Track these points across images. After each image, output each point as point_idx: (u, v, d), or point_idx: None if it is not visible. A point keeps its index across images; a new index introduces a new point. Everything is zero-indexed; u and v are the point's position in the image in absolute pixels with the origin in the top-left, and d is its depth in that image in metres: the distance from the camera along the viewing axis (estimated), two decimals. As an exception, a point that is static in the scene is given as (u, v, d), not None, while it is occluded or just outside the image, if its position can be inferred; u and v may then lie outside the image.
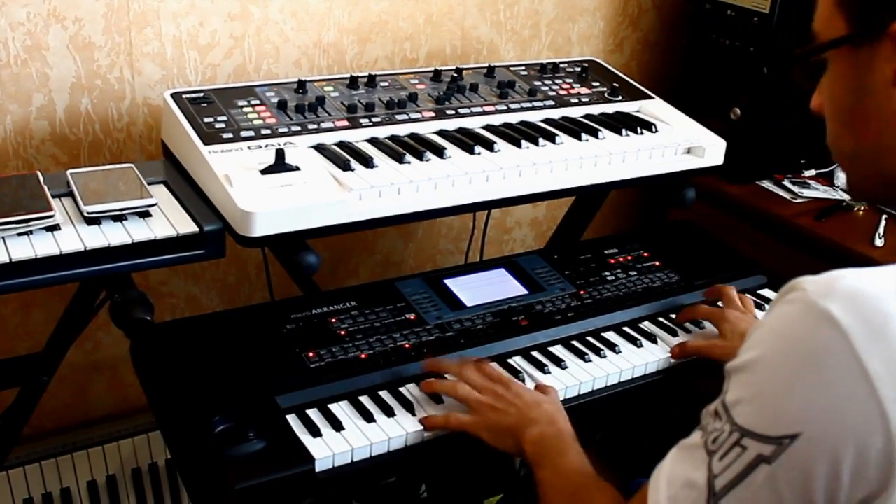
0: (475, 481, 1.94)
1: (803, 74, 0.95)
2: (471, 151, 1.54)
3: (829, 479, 0.73)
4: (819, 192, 2.19)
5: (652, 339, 1.52)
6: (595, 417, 2.06)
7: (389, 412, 1.29)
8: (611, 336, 1.53)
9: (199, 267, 2.00)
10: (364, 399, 1.31)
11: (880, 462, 0.72)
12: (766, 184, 2.23)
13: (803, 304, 0.76)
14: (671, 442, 0.89)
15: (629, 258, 1.74)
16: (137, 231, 1.31)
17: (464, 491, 1.94)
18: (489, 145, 1.56)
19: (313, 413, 1.28)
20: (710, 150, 1.73)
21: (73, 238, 1.28)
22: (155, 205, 1.36)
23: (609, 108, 1.82)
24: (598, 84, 1.90)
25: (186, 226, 1.34)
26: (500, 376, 1.32)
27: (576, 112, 1.77)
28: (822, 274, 0.78)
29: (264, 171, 1.38)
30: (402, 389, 1.34)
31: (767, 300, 1.68)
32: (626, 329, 1.55)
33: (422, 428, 1.27)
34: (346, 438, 1.23)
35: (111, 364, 1.98)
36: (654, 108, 1.85)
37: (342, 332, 1.43)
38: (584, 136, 1.65)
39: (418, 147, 1.52)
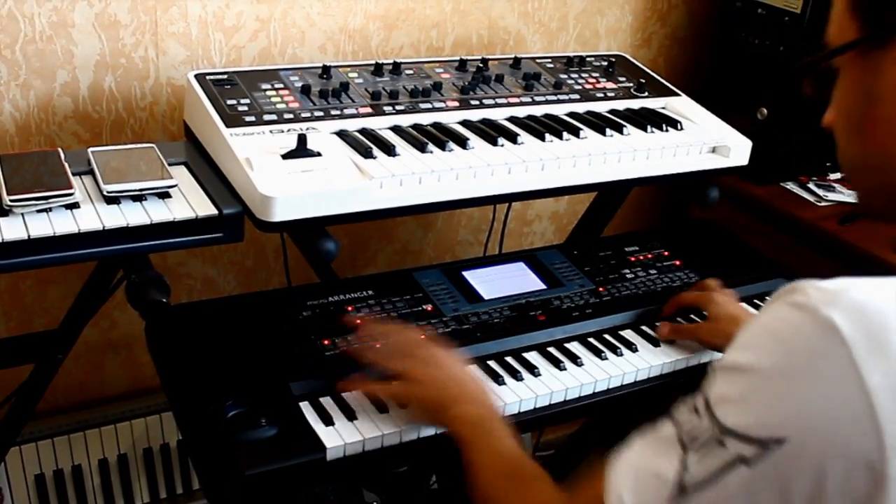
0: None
1: (815, 85, 0.94)
2: (494, 143, 1.53)
3: (812, 489, 0.71)
4: (844, 195, 2.17)
5: (660, 337, 1.51)
6: (609, 417, 2.05)
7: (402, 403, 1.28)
8: (628, 335, 1.51)
9: (217, 249, 1.99)
10: (378, 389, 1.31)
11: (870, 477, 0.70)
12: (791, 186, 2.21)
13: (806, 310, 0.73)
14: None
15: (649, 256, 1.73)
16: (156, 212, 1.30)
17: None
18: (513, 137, 1.55)
19: (326, 401, 1.27)
20: (736, 149, 1.72)
21: (92, 217, 1.27)
22: (175, 186, 1.36)
23: (635, 104, 1.80)
24: (624, 79, 1.89)
25: (206, 208, 1.34)
26: (416, 341, 1.30)
27: (601, 107, 1.76)
28: (826, 280, 0.76)
29: (286, 156, 1.38)
30: (416, 381, 1.33)
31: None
32: (644, 328, 1.53)
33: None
34: (358, 428, 1.22)
35: (126, 343, 1.99)
36: (680, 105, 1.83)
37: (358, 321, 1.42)
38: (608, 131, 1.64)
39: (441, 137, 1.51)
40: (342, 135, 1.50)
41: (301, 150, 1.39)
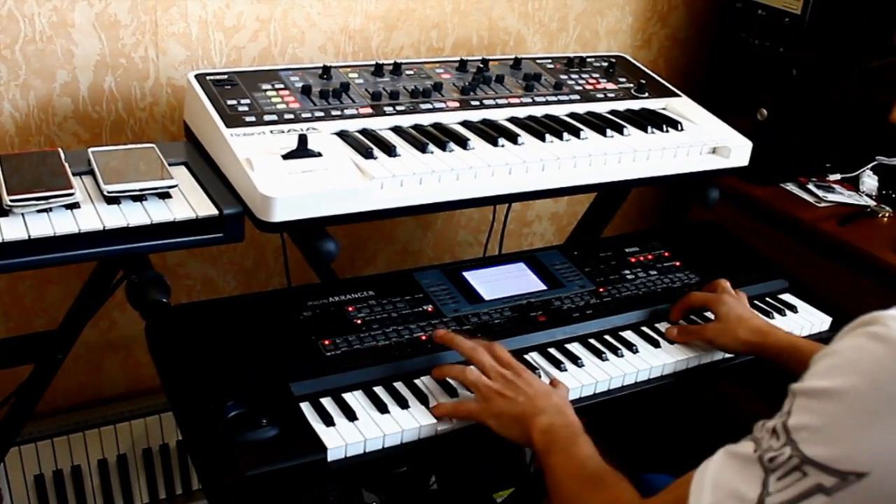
0: (486, 475, 1.94)
1: (884, 86, 0.94)
2: (494, 143, 1.53)
3: None
4: (843, 196, 2.17)
5: (670, 339, 1.51)
6: (610, 416, 2.05)
7: (404, 404, 1.28)
8: (628, 335, 1.51)
9: (217, 250, 1.99)
10: (378, 390, 1.31)
11: None
12: (791, 187, 2.21)
13: (888, 343, 0.73)
14: (679, 440, 0.88)
15: (650, 257, 1.73)
16: (157, 212, 1.30)
17: (474, 484, 1.93)
18: (513, 138, 1.55)
19: (327, 402, 1.27)
20: (736, 150, 1.71)
21: (92, 217, 1.27)
22: (175, 186, 1.36)
23: (635, 105, 1.80)
24: (624, 80, 1.89)
25: (206, 208, 1.34)
26: (510, 361, 1.31)
27: (601, 107, 1.76)
28: None
29: (286, 157, 1.37)
30: (416, 381, 1.34)
31: (788, 304, 1.66)
32: (644, 329, 1.53)
33: (435, 421, 1.26)
34: (359, 429, 1.22)
35: (126, 344, 1.98)
36: (680, 106, 1.83)
37: (358, 321, 1.42)
38: (608, 132, 1.64)
39: (442, 137, 1.51)
40: (343, 135, 1.50)
41: (301, 150, 1.38)
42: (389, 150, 1.44)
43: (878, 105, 0.95)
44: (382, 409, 1.26)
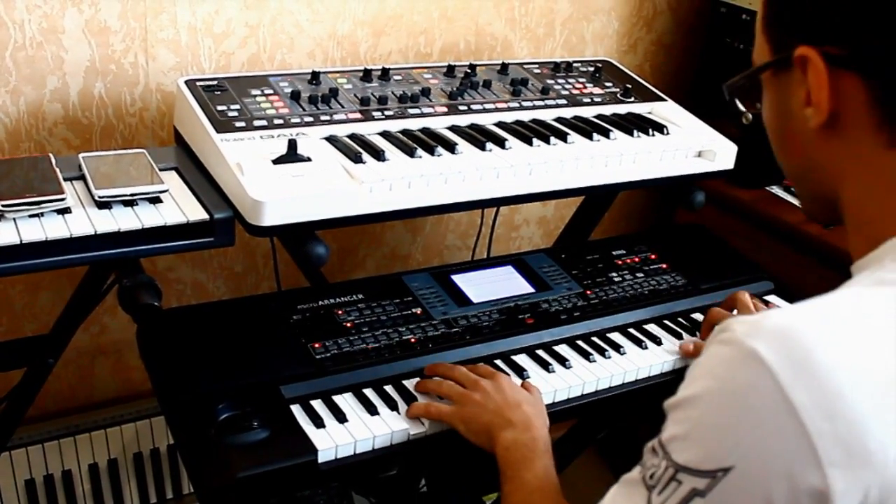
0: (476, 477, 1.94)
1: (744, 102, 1.01)
2: (482, 148, 1.54)
3: None
4: (828, 199, 2.18)
5: (657, 341, 1.52)
6: (598, 418, 2.06)
7: (393, 406, 1.29)
8: (616, 337, 1.53)
9: (207, 254, 2.00)
10: (368, 392, 1.32)
11: (814, 495, 0.72)
12: (776, 189, 2.23)
13: (732, 345, 0.77)
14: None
15: (636, 260, 1.74)
16: (148, 216, 1.31)
17: (464, 487, 1.94)
18: (501, 142, 1.56)
19: (317, 404, 1.28)
20: (721, 153, 1.73)
21: (83, 221, 1.28)
22: (166, 191, 1.37)
23: (621, 109, 1.82)
24: (610, 84, 1.90)
25: (197, 213, 1.35)
26: (488, 371, 1.33)
27: (588, 112, 1.77)
28: (753, 314, 0.81)
29: (276, 161, 1.39)
30: (406, 383, 1.35)
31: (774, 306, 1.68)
32: (631, 331, 1.55)
33: (426, 422, 1.27)
34: (349, 431, 1.23)
35: (116, 348, 1.99)
36: (666, 110, 1.85)
37: (348, 325, 1.43)
38: (595, 136, 1.65)
39: (430, 142, 1.52)
40: (332, 140, 1.51)
41: (291, 155, 1.40)
42: (378, 155, 1.45)
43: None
44: (372, 410, 1.28)
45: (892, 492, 0.73)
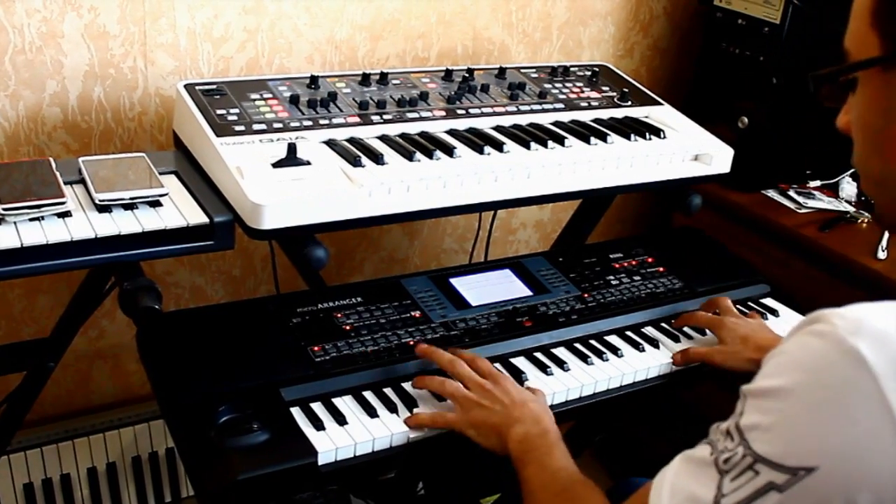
0: (473, 480, 1.95)
1: (830, 93, 0.93)
2: (480, 151, 1.55)
3: None
4: (824, 202, 2.20)
5: (654, 344, 1.53)
6: (595, 420, 2.07)
7: (392, 408, 1.30)
8: (613, 340, 1.54)
9: (205, 258, 2.00)
10: (368, 394, 1.33)
11: None
12: (771, 193, 2.24)
13: (832, 339, 0.74)
14: (664, 444, 0.89)
15: (634, 263, 1.75)
16: (148, 220, 1.32)
17: (461, 489, 1.94)
18: (498, 146, 1.57)
19: (317, 406, 1.29)
20: (718, 157, 1.74)
21: (84, 225, 1.29)
22: (166, 194, 1.37)
23: (618, 113, 1.82)
24: (607, 89, 1.91)
25: (197, 216, 1.35)
26: (490, 371, 1.33)
27: (585, 116, 1.78)
28: (846, 308, 0.77)
29: (275, 165, 1.39)
30: (405, 385, 1.36)
31: (770, 309, 1.68)
32: (628, 333, 1.56)
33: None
34: (349, 433, 1.24)
35: (114, 352, 1.99)
36: (662, 114, 1.86)
37: (347, 328, 1.44)
38: (592, 139, 1.66)
39: (428, 145, 1.53)
40: (331, 144, 1.51)
41: (291, 158, 1.40)
42: (377, 159, 1.46)
43: (810, 104, 0.95)
44: (372, 413, 1.28)
45: None
